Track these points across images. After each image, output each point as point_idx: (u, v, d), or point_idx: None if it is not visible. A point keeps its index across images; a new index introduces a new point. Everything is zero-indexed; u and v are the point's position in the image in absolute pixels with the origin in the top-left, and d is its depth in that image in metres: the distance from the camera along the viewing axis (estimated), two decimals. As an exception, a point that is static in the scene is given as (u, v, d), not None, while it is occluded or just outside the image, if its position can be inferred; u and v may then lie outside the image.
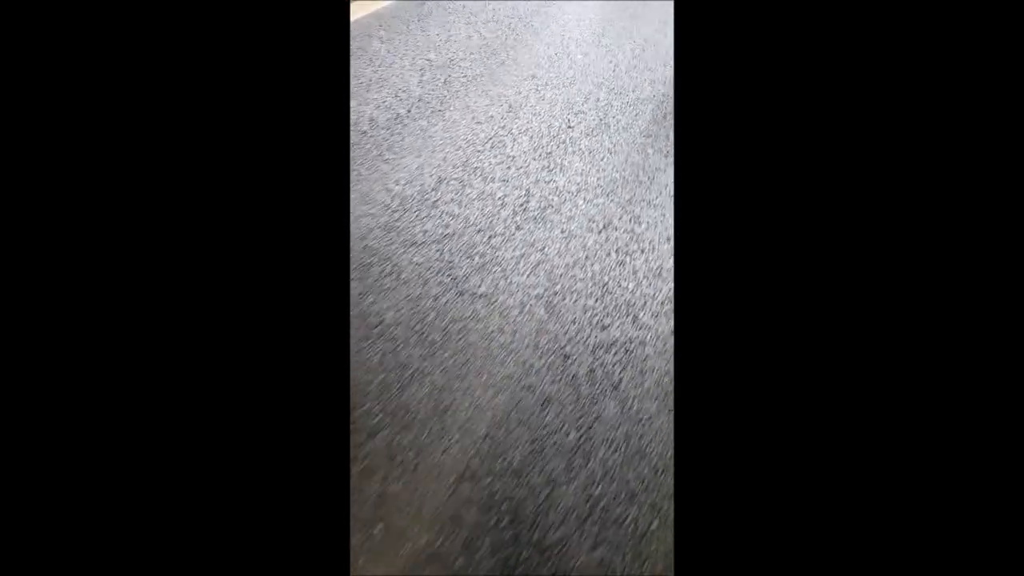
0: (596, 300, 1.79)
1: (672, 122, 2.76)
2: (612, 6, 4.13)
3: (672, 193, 2.29)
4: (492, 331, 1.63)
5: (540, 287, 1.81)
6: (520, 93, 2.86)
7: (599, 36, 3.63)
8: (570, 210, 2.15)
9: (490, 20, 3.65)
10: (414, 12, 3.61)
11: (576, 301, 1.78)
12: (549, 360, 1.57)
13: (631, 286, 1.87)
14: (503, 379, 1.49)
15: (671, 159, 2.49)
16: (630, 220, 2.13)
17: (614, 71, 3.20)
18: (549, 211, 2.13)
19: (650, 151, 2.53)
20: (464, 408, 1.40)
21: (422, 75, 2.89)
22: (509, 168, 2.33)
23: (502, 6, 3.90)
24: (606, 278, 1.89)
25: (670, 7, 4.19)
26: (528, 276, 1.85)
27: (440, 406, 1.40)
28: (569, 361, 1.58)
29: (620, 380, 1.54)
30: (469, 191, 2.18)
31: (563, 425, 1.41)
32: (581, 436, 1.39)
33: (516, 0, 4.04)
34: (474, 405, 1.41)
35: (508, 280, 1.82)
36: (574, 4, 4.11)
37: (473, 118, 2.62)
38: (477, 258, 1.89)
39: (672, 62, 3.35)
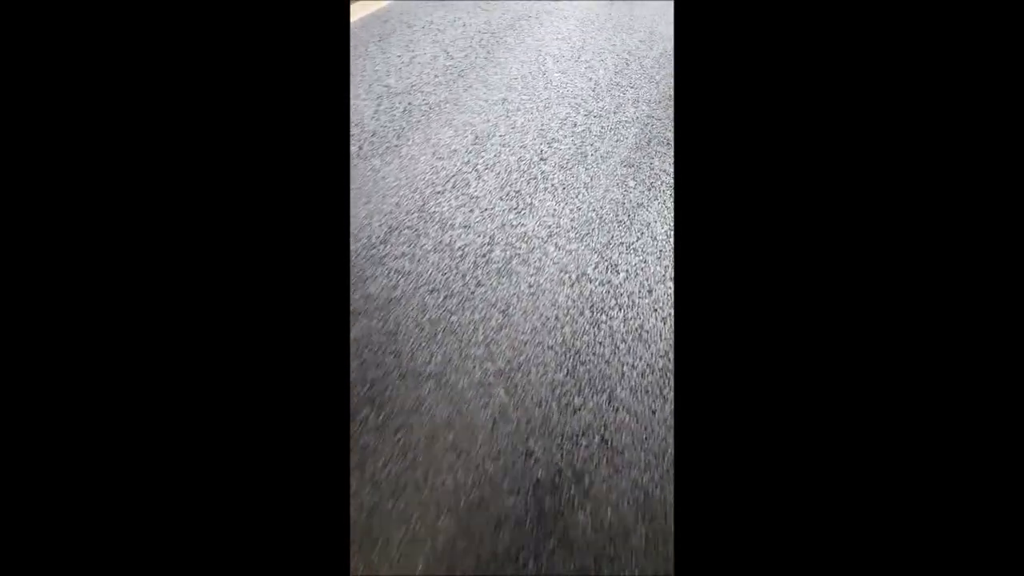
0: (566, 373, 1.54)
1: (656, 147, 2.51)
2: (594, 16, 3.88)
3: (654, 235, 2.04)
4: (439, 426, 1.37)
5: (501, 360, 1.56)
6: (488, 121, 2.61)
7: (579, 51, 3.38)
8: (539, 259, 1.90)
9: (459, 37, 3.40)
10: (375, 31, 3.36)
11: (543, 376, 1.53)
12: (507, 462, 1.32)
13: (607, 352, 1.61)
14: (449, 494, 1.23)
15: (654, 193, 2.24)
16: (607, 269, 1.88)
17: (594, 90, 2.95)
18: (515, 262, 1.88)
19: (631, 184, 2.28)
20: (397, 539, 1.15)
21: (378, 104, 2.63)
22: (472, 211, 2.08)
23: (473, 21, 3.65)
24: (578, 343, 1.63)
25: (657, 17, 3.94)
26: (487, 346, 1.59)
27: (367, 537, 1.15)
28: (531, 461, 1.32)
29: (591, 484, 1.29)
30: (424, 242, 1.93)
31: (519, 552, 1.15)
32: (540, 567, 1.13)
33: (489, 13, 3.80)
34: (410, 534, 1.16)
35: (463, 353, 1.56)
36: (553, 16, 3.86)
37: (434, 153, 2.37)
38: (428, 326, 1.63)
39: (658, 78, 3.10)
